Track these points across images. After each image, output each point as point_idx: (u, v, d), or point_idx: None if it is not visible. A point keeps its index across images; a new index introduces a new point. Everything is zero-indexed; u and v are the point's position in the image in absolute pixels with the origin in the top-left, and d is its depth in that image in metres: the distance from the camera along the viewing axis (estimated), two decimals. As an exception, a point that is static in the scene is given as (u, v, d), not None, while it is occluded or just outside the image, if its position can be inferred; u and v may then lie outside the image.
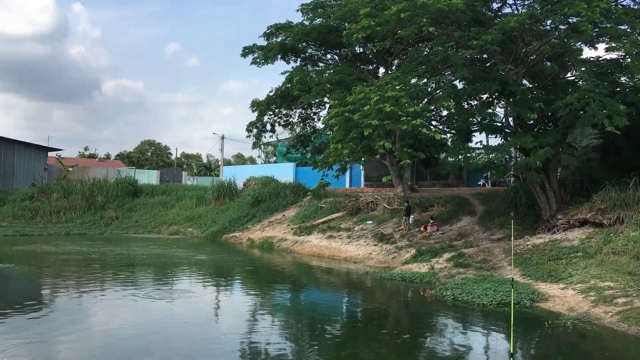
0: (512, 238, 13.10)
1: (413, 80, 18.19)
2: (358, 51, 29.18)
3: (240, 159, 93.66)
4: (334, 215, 26.30)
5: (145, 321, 10.57)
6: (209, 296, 13.89)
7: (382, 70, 29.42)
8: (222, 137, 57.67)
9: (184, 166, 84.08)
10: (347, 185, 35.48)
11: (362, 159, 23.06)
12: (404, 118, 15.05)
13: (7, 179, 41.84)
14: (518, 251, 16.10)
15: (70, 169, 46.78)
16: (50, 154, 47.63)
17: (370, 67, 30.37)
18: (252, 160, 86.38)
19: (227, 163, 70.88)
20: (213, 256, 22.81)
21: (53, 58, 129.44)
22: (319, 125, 31.34)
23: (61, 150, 49.77)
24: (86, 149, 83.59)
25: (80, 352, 8.34)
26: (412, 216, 22.22)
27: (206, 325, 10.48)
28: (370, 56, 29.67)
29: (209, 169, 75.18)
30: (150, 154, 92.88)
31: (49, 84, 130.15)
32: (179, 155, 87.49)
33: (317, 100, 27.49)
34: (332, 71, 26.77)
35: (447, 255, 17.58)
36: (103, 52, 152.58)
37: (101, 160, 69.36)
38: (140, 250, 23.50)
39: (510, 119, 18.36)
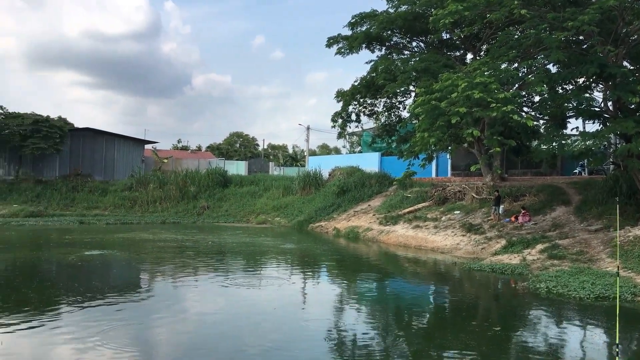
0: (618, 225, 12.26)
1: (503, 66, 17.53)
2: (445, 37, 28.45)
3: (325, 149, 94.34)
4: (420, 205, 25.95)
5: (235, 307, 10.92)
6: (296, 284, 14.14)
7: (470, 56, 28.60)
8: (308, 128, 58.32)
9: (271, 157, 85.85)
10: (434, 174, 34.84)
11: (449, 147, 22.52)
12: (494, 105, 14.57)
13: (108, 170, 44.51)
14: (619, 243, 15.20)
15: (165, 160, 49.03)
16: (146, 146, 50.11)
17: (458, 54, 29.58)
18: (337, 151, 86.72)
19: (313, 153, 71.65)
20: (300, 245, 23.19)
21: (147, 55, 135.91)
22: (405, 114, 30.94)
23: (156, 142, 52.31)
24: (179, 141, 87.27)
25: (175, 334, 8.74)
26: (502, 206, 21.50)
27: (294, 312, 10.67)
28: (457, 42, 28.87)
29: (294, 159, 76.32)
30: (239, 146, 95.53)
31: (144, 80, 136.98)
32: (265, 146, 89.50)
33: (403, 89, 27.13)
34: (417, 59, 26.29)
35: (540, 247, 16.89)
36: (193, 48, 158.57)
37: (193, 152, 72.17)
38: (230, 238, 24.29)
39: (610, 103, 17.28)
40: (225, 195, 40.47)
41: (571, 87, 19.47)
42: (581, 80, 18.14)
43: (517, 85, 20.52)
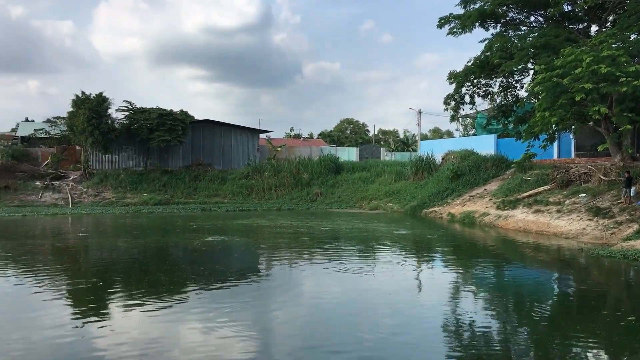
0: None
1: (633, 37, 16.14)
2: (566, 10, 26.69)
3: (437, 133, 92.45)
4: (541, 189, 24.64)
5: (350, 292, 11.01)
6: (410, 269, 13.99)
7: (594, 28, 26.61)
8: (419, 112, 57.36)
9: (382, 142, 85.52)
10: (555, 155, 32.91)
11: (573, 127, 21.14)
12: (623, 79, 13.49)
13: (226, 160, 46.60)
14: None
15: (279, 149, 50.43)
16: (261, 135, 51.81)
17: (581, 26, 27.66)
18: (450, 134, 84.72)
19: (424, 137, 70.39)
20: (413, 230, 22.94)
21: (259, 47, 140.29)
22: (523, 93, 29.52)
23: (270, 131, 53.79)
24: (291, 129, 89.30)
25: (291, 316, 8.97)
26: (633, 188, 19.86)
27: (410, 298, 10.56)
28: (580, 14, 26.97)
29: (406, 144, 75.47)
30: (349, 132, 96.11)
31: (257, 71, 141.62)
32: (376, 132, 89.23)
33: (520, 67, 25.87)
34: (536, 34, 24.93)
35: (679, 232, 15.46)
36: (303, 37, 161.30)
37: (305, 140, 73.62)
38: (343, 224, 24.55)
39: None
40: (338, 182, 40.93)
41: None
42: None
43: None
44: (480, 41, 29.46)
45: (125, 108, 41.68)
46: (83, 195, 37.78)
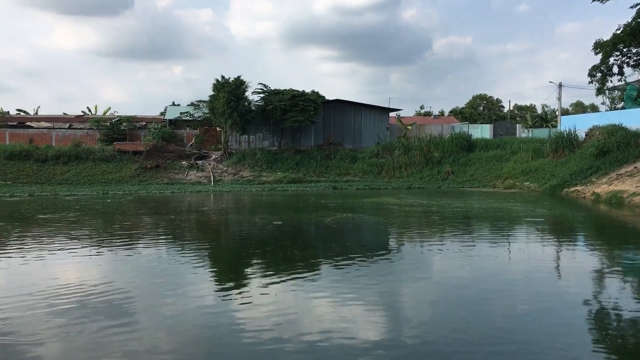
0: None
1: None
2: None
3: (579, 108, 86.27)
4: (702, 166, 22.15)
5: (483, 272, 10.68)
6: (549, 251, 13.27)
7: None
8: (559, 85, 53.68)
9: (517, 118, 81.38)
10: None
11: None
12: None
13: (356, 138, 47.02)
14: None
15: (409, 127, 49.91)
16: (390, 114, 51.55)
17: None
18: (594, 108, 78.60)
19: (565, 112, 65.93)
20: (553, 211, 21.71)
21: (388, 24, 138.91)
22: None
23: (400, 110, 53.39)
24: (422, 107, 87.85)
25: (420, 296, 8.92)
26: None
27: (548, 282, 10.02)
28: None
29: (544, 119, 71.20)
30: (482, 108, 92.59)
31: (386, 49, 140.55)
32: (511, 108, 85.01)
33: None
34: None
35: None
36: (433, 11, 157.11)
37: (436, 118, 72.09)
38: (476, 203, 23.84)
39: None
40: (470, 160, 39.77)
41: None
42: None
43: None
44: (631, 7, 26.86)
45: (261, 90, 43.48)
46: (223, 174, 40.19)
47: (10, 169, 38.11)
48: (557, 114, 58.24)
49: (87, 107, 61.95)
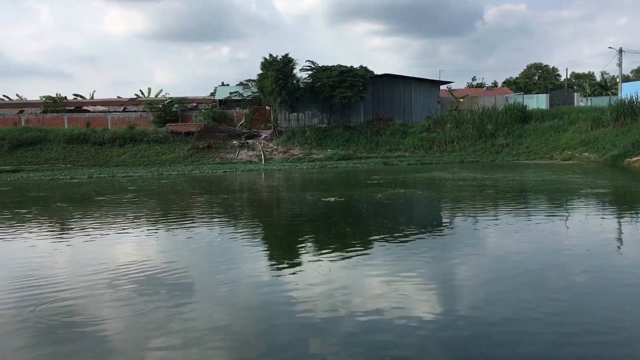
0: None
1: None
2: None
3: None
4: None
5: (540, 247, 10.31)
6: (609, 224, 12.71)
7: None
8: (620, 51, 51.22)
9: (575, 87, 78.32)
10: None
11: None
12: None
13: (406, 113, 46.35)
14: None
15: (461, 100, 48.76)
16: (441, 87, 50.48)
17: None
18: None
19: (626, 79, 62.99)
20: (614, 182, 20.84)
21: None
22: None
23: (451, 82, 52.14)
24: (473, 79, 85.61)
25: (475, 271, 8.68)
26: None
27: (609, 256, 9.60)
28: None
29: (604, 87, 68.23)
30: (537, 78, 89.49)
31: (434, 21, 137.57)
32: (568, 76, 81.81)
33: None
34: None
35: None
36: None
37: (488, 89, 70.16)
38: (532, 176, 23.14)
39: None
40: (525, 132, 38.65)
41: None
42: None
43: None
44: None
45: (309, 67, 43.33)
46: (273, 152, 40.47)
47: (70, 152, 39.50)
48: (617, 81, 55.69)
49: (140, 90, 63.42)
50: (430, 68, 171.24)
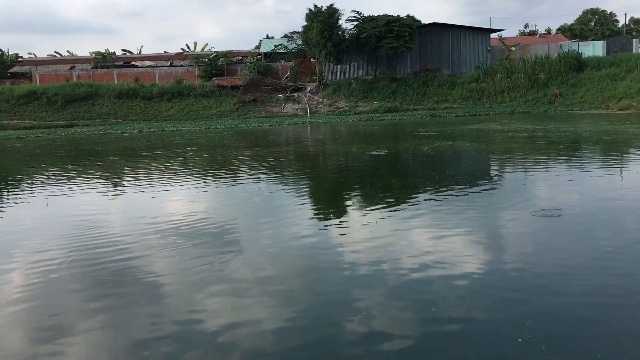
0: None
1: None
2: None
3: None
4: None
5: (595, 203, 9.98)
6: (670, 177, 12.17)
7: None
8: (687, -8, 47.98)
9: (634, 33, 74.32)
10: None
11: None
12: None
13: (455, 63, 45.11)
14: None
15: (512, 48, 47.06)
16: (492, 35, 48.74)
17: None
18: None
19: (693, 23, 59.19)
20: (675, 133, 19.93)
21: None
22: None
23: (502, 30, 50.30)
24: (526, 26, 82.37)
25: (524, 227, 8.49)
26: None
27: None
28: None
29: (667, 33, 64.47)
30: (594, 24, 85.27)
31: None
32: (627, 22, 77.50)
33: None
34: None
35: None
36: None
37: (542, 37, 67.34)
38: (587, 127, 22.35)
39: None
40: (580, 81, 37.15)
41: None
42: None
43: None
44: None
45: (354, 18, 42.48)
46: (319, 105, 40.31)
47: (120, 107, 40.39)
48: (682, 25, 52.48)
49: (186, 45, 63.93)
50: (480, 16, 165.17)
